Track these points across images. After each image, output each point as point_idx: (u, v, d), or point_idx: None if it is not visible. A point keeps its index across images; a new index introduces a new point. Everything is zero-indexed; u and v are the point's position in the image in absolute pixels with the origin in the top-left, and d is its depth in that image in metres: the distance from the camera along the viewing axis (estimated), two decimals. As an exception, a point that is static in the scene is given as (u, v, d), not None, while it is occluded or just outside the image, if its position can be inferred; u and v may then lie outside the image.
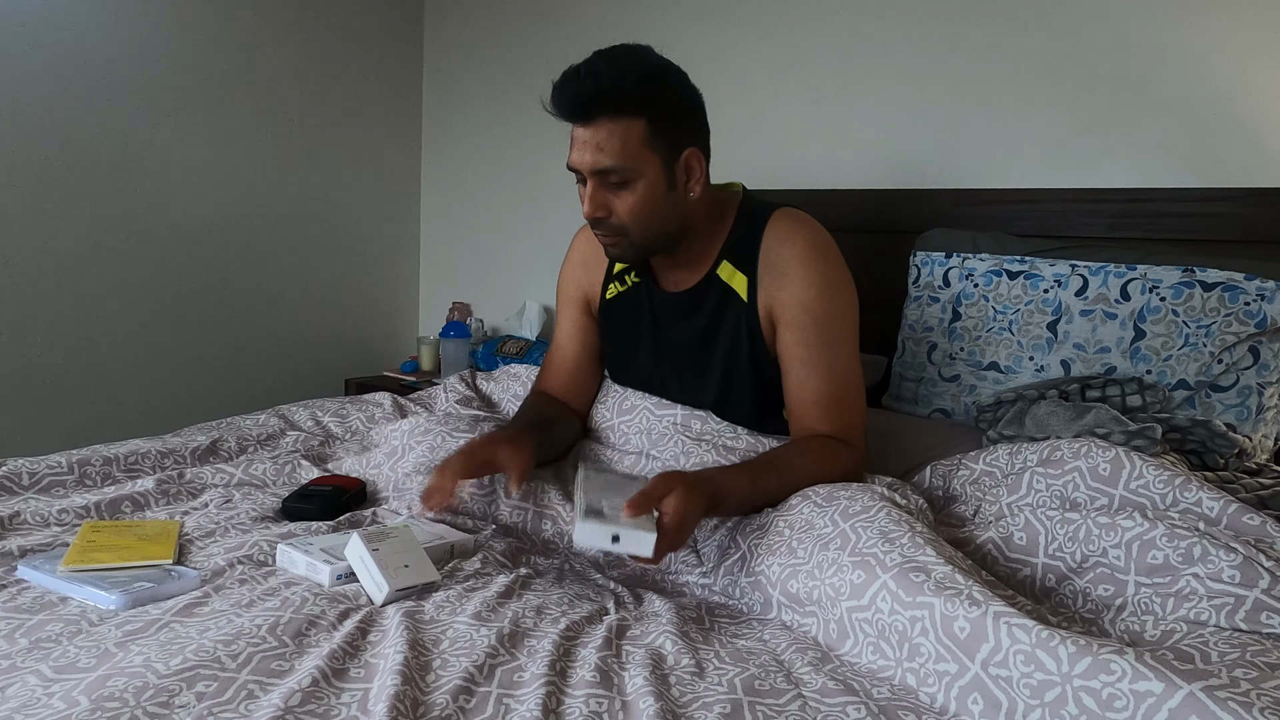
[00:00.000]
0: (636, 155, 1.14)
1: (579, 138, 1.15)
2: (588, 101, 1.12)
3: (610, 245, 1.22)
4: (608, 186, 1.16)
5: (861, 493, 1.00)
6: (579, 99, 1.12)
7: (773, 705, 0.75)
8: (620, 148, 1.12)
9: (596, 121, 1.12)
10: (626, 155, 1.13)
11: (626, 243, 1.20)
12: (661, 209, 1.18)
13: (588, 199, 1.17)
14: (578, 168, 1.16)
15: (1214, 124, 1.54)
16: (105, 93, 2.18)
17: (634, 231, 1.18)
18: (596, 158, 1.13)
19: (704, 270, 1.26)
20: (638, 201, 1.16)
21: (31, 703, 0.68)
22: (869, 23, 1.91)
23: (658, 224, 1.19)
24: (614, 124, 1.12)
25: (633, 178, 1.15)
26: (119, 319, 2.27)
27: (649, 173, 1.15)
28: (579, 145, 1.15)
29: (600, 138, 1.12)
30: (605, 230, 1.19)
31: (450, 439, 1.27)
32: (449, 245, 2.87)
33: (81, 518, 1.08)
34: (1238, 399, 1.32)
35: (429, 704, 0.71)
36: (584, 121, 1.13)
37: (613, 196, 1.16)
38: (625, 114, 1.12)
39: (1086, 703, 0.68)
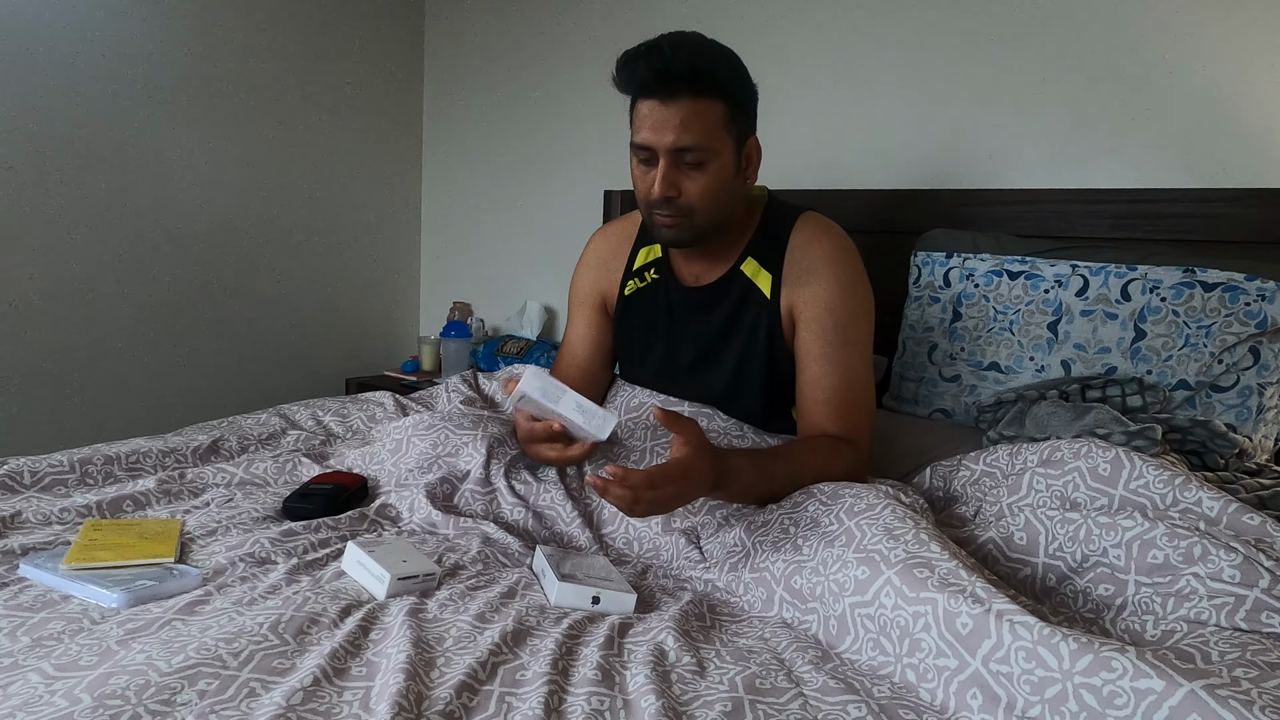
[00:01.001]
0: (716, 137, 1.14)
1: (657, 115, 1.13)
2: (676, 77, 1.11)
3: (670, 226, 1.19)
4: (681, 166, 1.15)
5: (867, 490, 1.01)
6: (667, 74, 1.11)
7: (773, 704, 0.75)
8: (703, 128, 1.12)
9: (679, 99, 1.11)
10: (708, 135, 1.13)
11: (688, 224, 1.19)
12: (727, 193, 1.19)
13: (660, 178, 1.14)
14: (654, 146, 1.14)
15: (1214, 125, 1.54)
16: (106, 92, 2.18)
17: (700, 213, 1.18)
18: (679, 136, 1.12)
19: (727, 266, 1.27)
20: (710, 183, 1.16)
21: (33, 700, 0.68)
22: (870, 23, 1.92)
23: (722, 207, 1.20)
24: (698, 103, 1.12)
25: (709, 159, 1.15)
26: (120, 318, 2.27)
27: (724, 155, 1.16)
28: (657, 123, 1.12)
29: (684, 115, 1.11)
30: (671, 211, 1.17)
31: (453, 435, 1.27)
32: (450, 245, 2.88)
33: (83, 516, 1.08)
34: (1238, 399, 1.32)
35: (432, 699, 0.71)
36: (668, 98, 1.12)
37: (685, 177, 1.15)
38: (709, 94, 1.12)
39: (1087, 700, 0.68)
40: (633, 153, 1.19)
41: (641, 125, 1.15)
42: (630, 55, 1.13)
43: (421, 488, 1.18)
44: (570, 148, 2.50)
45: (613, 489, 0.95)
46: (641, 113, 1.14)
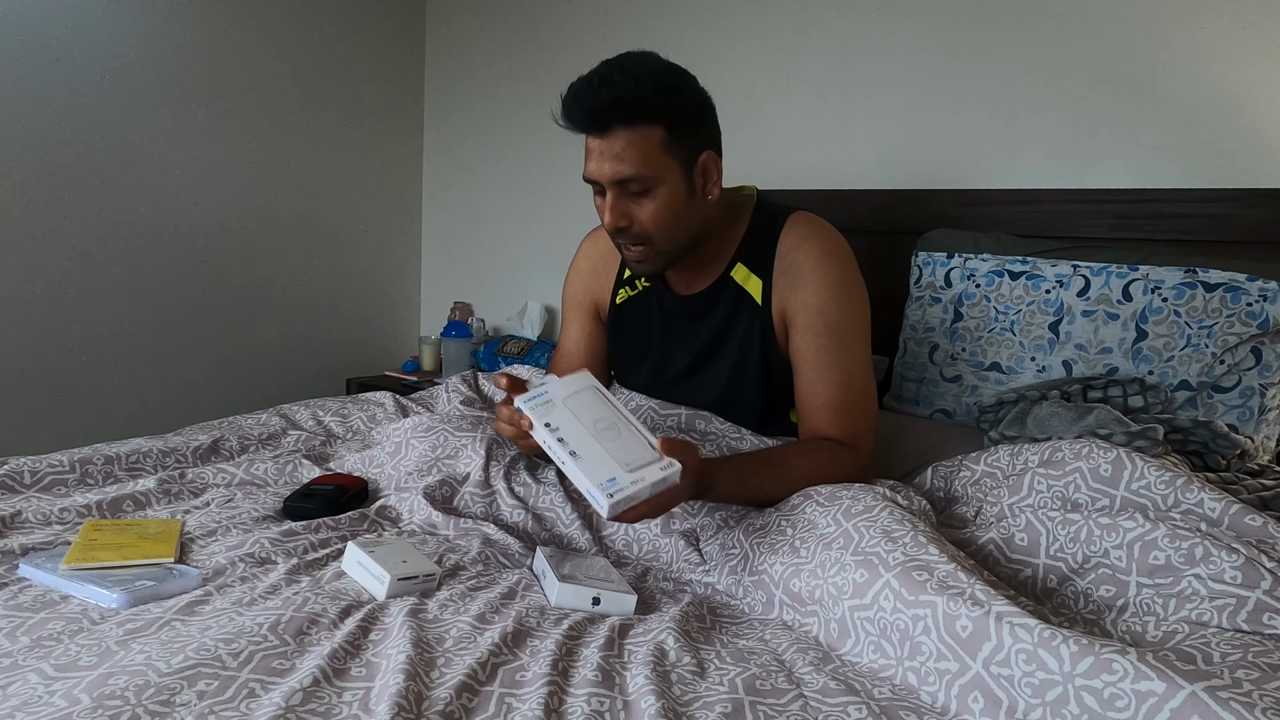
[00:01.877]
0: (656, 163, 1.12)
1: (596, 149, 1.13)
2: (604, 112, 1.10)
3: (636, 259, 1.19)
4: (628, 196, 1.14)
5: (864, 493, 1.00)
6: (595, 110, 1.10)
7: (774, 705, 0.74)
8: (640, 156, 1.11)
9: (614, 132, 1.10)
10: (646, 163, 1.11)
11: (653, 253, 1.18)
12: (683, 215, 1.16)
13: (608, 209, 1.14)
14: (596, 179, 1.14)
15: (1215, 125, 1.54)
16: (106, 93, 2.18)
17: (659, 240, 1.16)
18: (616, 168, 1.11)
19: (717, 273, 1.26)
20: (660, 209, 1.14)
21: (32, 700, 0.68)
22: (871, 24, 1.91)
23: (681, 231, 1.17)
24: (632, 133, 1.10)
25: (654, 185, 1.13)
26: (121, 318, 2.27)
27: (669, 179, 1.14)
28: (596, 156, 1.13)
29: (618, 147, 1.11)
30: (629, 240, 1.17)
31: (453, 437, 1.27)
32: (450, 245, 2.88)
33: (83, 516, 1.08)
34: (1240, 400, 1.32)
35: (432, 699, 0.71)
36: (600, 132, 1.11)
37: (634, 206, 1.14)
38: (643, 122, 1.10)
39: (1088, 702, 0.68)
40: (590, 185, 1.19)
41: (587, 160, 1.15)
42: (567, 94, 1.13)
43: (420, 490, 1.18)
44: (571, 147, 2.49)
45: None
46: (587, 147, 1.15)
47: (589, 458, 0.94)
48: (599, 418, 0.98)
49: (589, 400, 1.01)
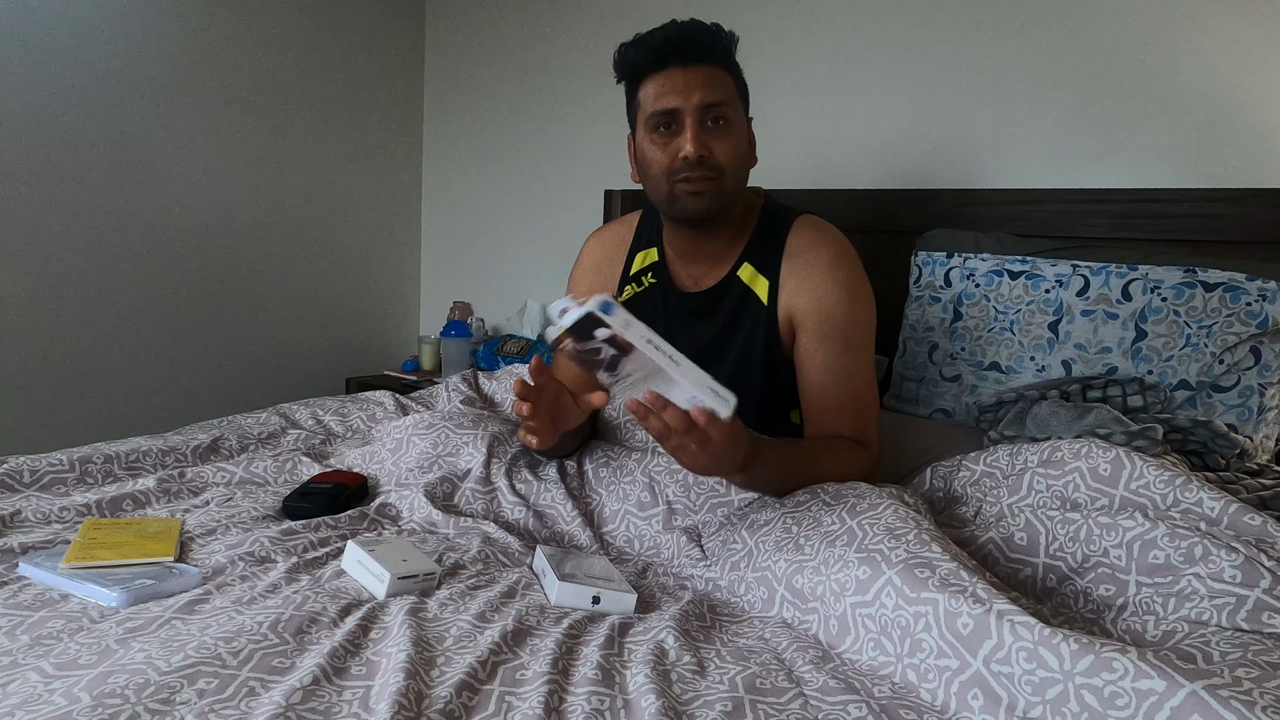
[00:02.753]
0: (735, 102, 1.19)
1: (679, 78, 1.16)
2: (696, 45, 1.16)
3: (700, 192, 1.17)
4: (706, 129, 1.17)
5: (869, 490, 1.01)
6: (689, 40, 1.16)
7: (774, 704, 0.75)
8: (726, 89, 1.18)
9: (699, 65, 1.16)
10: (730, 97, 1.18)
11: (717, 189, 1.19)
12: (746, 163, 1.23)
13: (692, 137, 1.15)
14: (680, 107, 1.16)
15: (1215, 125, 1.54)
16: (106, 92, 2.18)
17: (728, 176, 1.19)
18: (706, 93, 1.15)
19: (724, 271, 1.27)
20: (736, 145, 1.19)
21: (32, 699, 0.68)
22: (870, 23, 1.91)
23: (742, 177, 1.22)
24: (716, 70, 1.17)
25: (734, 119, 1.19)
26: (121, 317, 2.27)
27: (740, 122, 1.21)
28: (680, 86, 1.16)
29: (707, 76, 1.16)
30: (705, 170, 1.17)
31: (454, 435, 1.27)
32: (450, 244, 2.88)
33: (83, 515, 1.08)
34: (1239, 399, 1.32)
35: (432, 698, 0.71)
36: (688, 63, 1.16)
37: (712, 137, 1.17)
38: (725, 64, 1.19)
39: (1088, 700, 0.68)
40: (645, 130, 1.19)
41: (662, 93, 1.17)
42: (640, 38, 1.18)
43: (420, 488, 1.18)
44: (571, 147, 2.50)
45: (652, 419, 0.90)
46: (657, 82, 1.17)
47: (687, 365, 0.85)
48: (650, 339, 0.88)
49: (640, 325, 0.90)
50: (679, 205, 1.20)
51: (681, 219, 1.23)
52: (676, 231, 1.28)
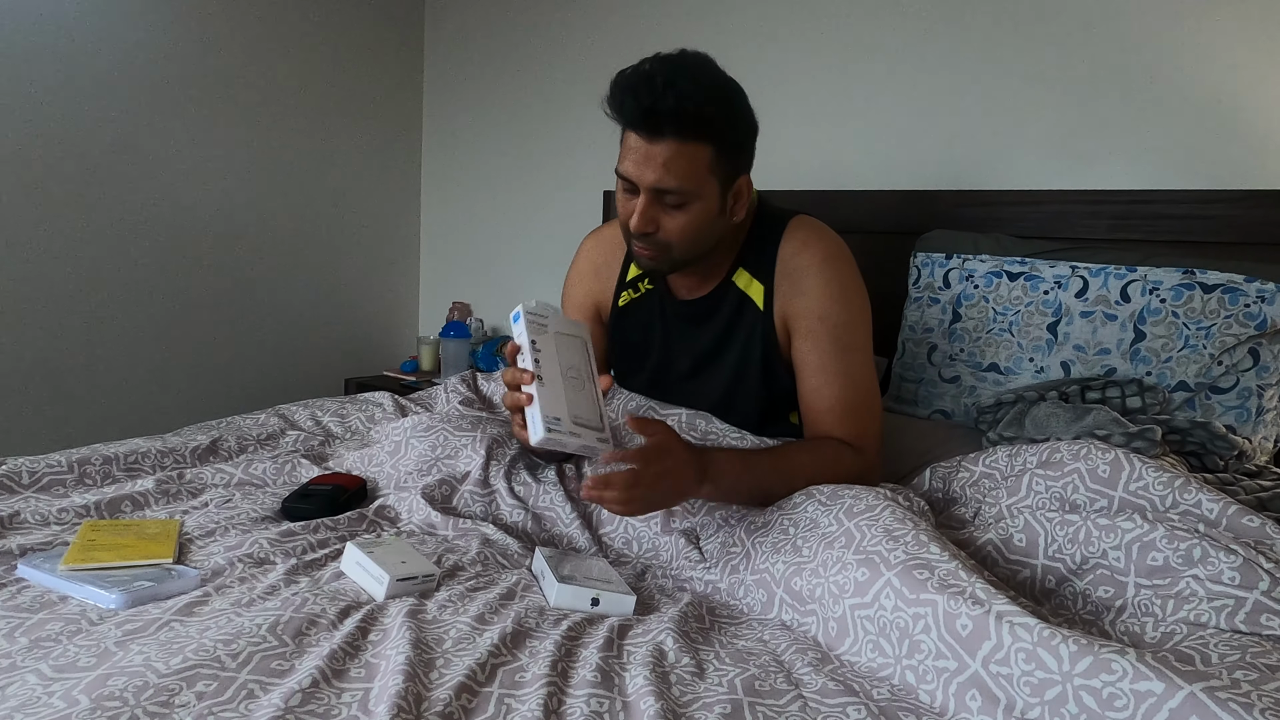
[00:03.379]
0: (699, 180, 1.11)
1: (642, 151, 1.09)
2: (663, 117, 1.06)
3: (648, 258, 1.18)
4: (661, 204, 1.12)
5: (866, 492, 1.01)
6: (654, 113, 1.06)
7: (773, 706, 0.75)
8: (685, 171, 1.09)
9: (665, 139, 1.07)
10: (690, 179, 1.10)
11: (665, 259, 1.17)
12: (707, 232, 1.17)
13: (639, 214, 1.12)
14: (635, 181, 1.12)
15: (1213, 126, 1.54)
16: (105, 92, 2.18)
17: (678, 249, 1.16)
18: (660, 176, 1.09)
19: (719, 277, 1.27)
20: (690, 223, 1.13)
21: (31, 702, 0.68)
22: (870, 25, 1.92)
23: (701, 244, 1.18)
24: (683, 146, 1.08)
25: (690, 200, 1.12)
26: (119, 318, 2.27)
27: (706, 197, 1.13)
28: (641, 159, 1.09)
29: (667, 156, 1.08)
30: (648, 245, 1.16)
31: (452, 437, 1.27)
32: (449, 245, 2.88)
33: (81, 517, 1.08)
34: (1237, 401, 1.32)
35: (431, 700, 0.71)
36: (651, 136, 1.08)
37: (664, 215, 1.13)
38: (697, 138, 1.08)
39: (1087, 702, 0.68)
40: (618, 177, 1.16)
41: (626, 156, 1.12)
42: (622, 83, 1.09)
43: (419, 490, 1.18)
44: (570, 148, 2.50)
45: (605, 494, 0.94)
46: (629, 143, 1.12)
47: (551, 391, 0.98)
48: (573, 366, 1.03)
49: (575, 348, 1.05)
50: (634, 258, 1.22)
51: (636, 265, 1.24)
52: None
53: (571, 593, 0.92)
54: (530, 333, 1.02)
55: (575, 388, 1.01)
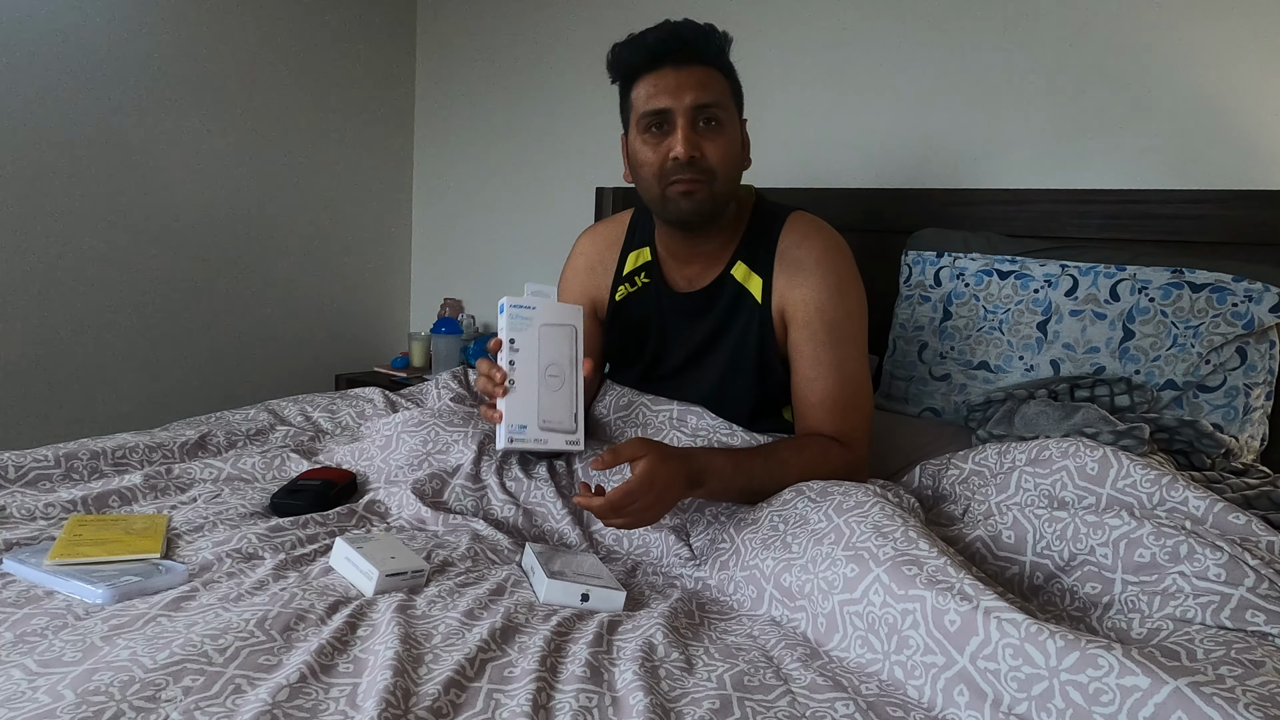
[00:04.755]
0: (728, 103, 1.19)
1: (671, 79, 1.15)
2: (690, 45, 1.15)
3: (691, 192, 1.17)
4: (698, 130, 1.16)
5: (855, 488, 1.01)
6: (680, 38, 1.15)
7: (761, 701, 0.75)
8: (719, 91, 1.17)
9: (693, 66, 1.15)
10: (723, 99, 1.17)
11: (708, 191, 1.18)
12: (737, 163, 1.22)
13: (683, 139, 1.14)
14: (672, 108, 1.15)
15: (1203, 127, 1.55)
16: (95, 91, 2.16)
17: (720, 178, 1.18)
18: (698, 94, 1.15)
19: (718, 270, 1.27)
20: (728, 147, 1.18)
21: (16, 696, 0.67)
22: (860, 22, 1.92)
23: (735, 179, 1.22)
24: (708, 70, 1.17)
25: (726, 120, 1.18)
26: (108, 313, 2.26)
27: (734, 125, 1.20)
28: (674, 85, 1.15)
29: (700, 78, 1.15)
30: (695, 172, 1.16)
31: (444, 432, 1.26)
32: (441, 241, 2.87)
33: (68, 512, 1.08)
34: (1225, 399, 1.33)
35: (420, 695, 0.71)
36: (681, 64, 1.15)
37: (703, 139, 1.16)
38: (718, 64, 1.18)
39: (1073, 696, 0.68)
40: (638, 130, 1.19)
41: (654, 93, 1.16)
42: (634, 36, 1.18)
43: (409, 485, 1.17)
44: (562, 143, 2.49)
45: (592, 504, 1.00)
46: (649, 83, 1.17)
47: (521, 395, 1.02)
48: (555, 362, 1.05)
49: (560, 339, 1.06)
50: (670, 207, 1.20)
51: (673, 220, 1.22)
52: (669, 232, 1.28)
53: (561, 588, 0.92)
54: (510, 329, 1.03)
55: (551, 387, 1.03)
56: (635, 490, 0.98)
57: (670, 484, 1.00)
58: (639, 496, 0.98)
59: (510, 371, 1.02)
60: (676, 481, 1.01)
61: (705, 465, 1.06)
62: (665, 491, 1.01)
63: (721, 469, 1.07)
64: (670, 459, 1.01)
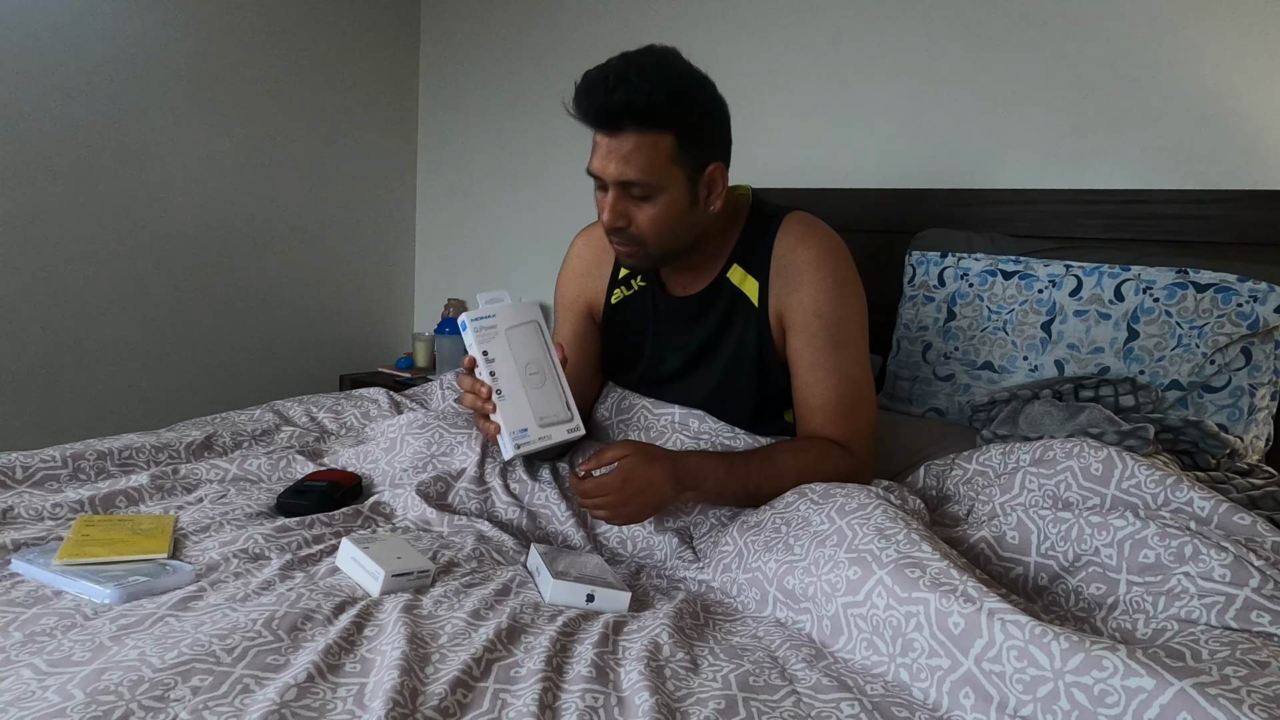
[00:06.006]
0: (662, 171, 1.11)
1: (604, 145, 1.12)
2: (616, 112, 1.09)
3: (626, 255, 1.19)
4: (630, 197, 1.14)
5: (858, 491, 1.01)
6: (607, 109, 1.09)
7: (767, 701, 0.75)
8: (646, 162, 1.10)
9: (623, 133, 1.10)
10: (652, 170, 1.11)
11: (643, 253, 1.18)
12: (681, 224, 1.16)
13: (608, 208, 1.14)
14: (600, 175, 1.14)
15: (1208, 127, 1.55)
16: (99, 89, 2.17)
17: (651, 244, 1.16)
18: (621, 169, 1.10)
19: (713, 274, 1.26)
20: (659, 215, 1.14)
21: (25, 696, 0.68)
22: (865, 23, 1.92)
23: (676, 238, 1.17)
24: (641, 138, 1.09)
25: (656, 192, 1.12)
26: (115, 314, 2.26)
27: (673, 188, 1.13)
28: (603, 154, 1.12)
29: (626, 149, 1.10)
30: (622, 239, 1.17)
31: (448, 434, 1.27)
32: (445, 242, 2.87)
33: (76, 512, 1.08)
34: (1230, 400, 1.33)
35: (427, 695, 0.71)
36: (610, 131, 1.11)
37: (634, 207, 1.14)
38: (654, 128, 1.09)
39: (1078, 698, 0.68)
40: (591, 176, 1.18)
41: (592, 153, 1.14)
42: (581, 85, 1.12)
43: (414, 487, 1.18)
44: (565, 144, 2.49)
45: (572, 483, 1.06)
46: (594, 141, 1.14)
47: (511, 401, 1.02)
48: (531, 360, 1.06)
49: (529, 337, 1.07)
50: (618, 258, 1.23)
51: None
52: None
53: (567, 589, 0.92)
54: (480, 343, 1.04)
55: (536, 384, 1.05)
56: (607, 484, 1.03)
57: (650, 484, 1.04)
58: (611, 491, 1.03)
59: (494, 382, 1.02)
60: (659, 483, 1.04)
61: (698, 468, 1.07)
62: (645, 491, 1.04)
63: (715, 472, 1.08)
64: (654, 460, 1.04)
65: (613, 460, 1.04)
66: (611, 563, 1.09)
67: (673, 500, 1.09)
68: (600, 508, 1.05)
